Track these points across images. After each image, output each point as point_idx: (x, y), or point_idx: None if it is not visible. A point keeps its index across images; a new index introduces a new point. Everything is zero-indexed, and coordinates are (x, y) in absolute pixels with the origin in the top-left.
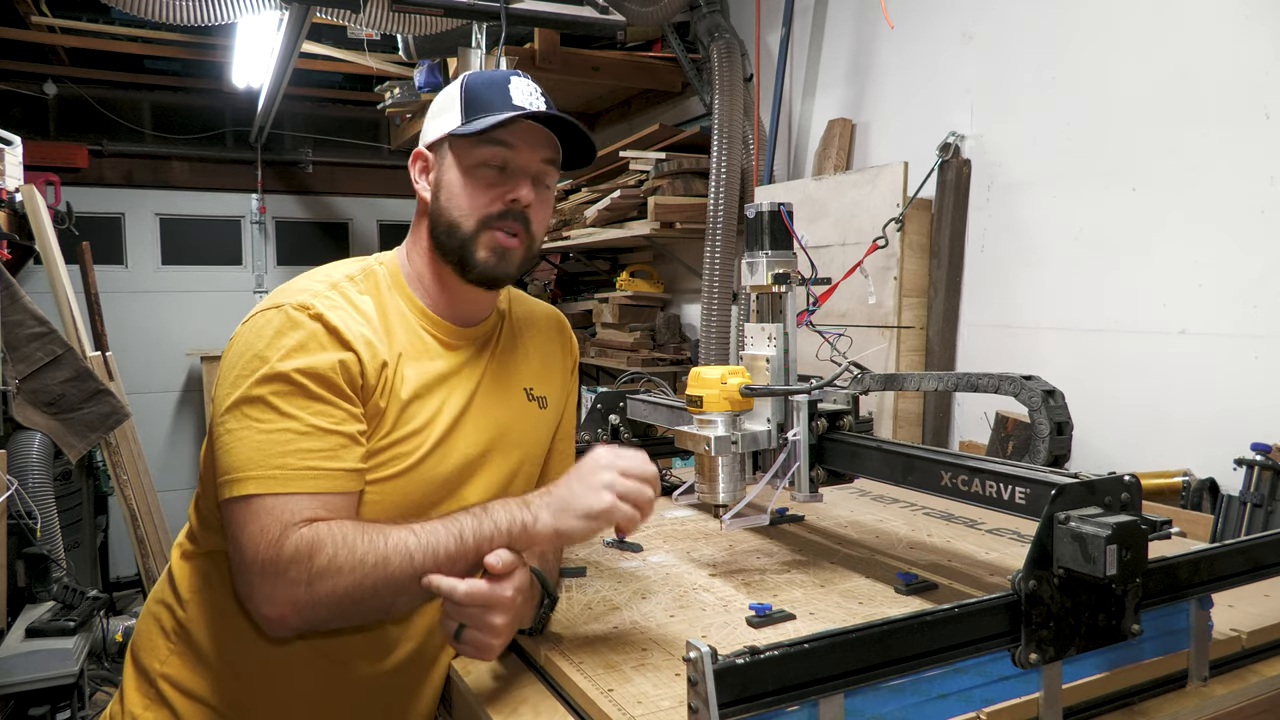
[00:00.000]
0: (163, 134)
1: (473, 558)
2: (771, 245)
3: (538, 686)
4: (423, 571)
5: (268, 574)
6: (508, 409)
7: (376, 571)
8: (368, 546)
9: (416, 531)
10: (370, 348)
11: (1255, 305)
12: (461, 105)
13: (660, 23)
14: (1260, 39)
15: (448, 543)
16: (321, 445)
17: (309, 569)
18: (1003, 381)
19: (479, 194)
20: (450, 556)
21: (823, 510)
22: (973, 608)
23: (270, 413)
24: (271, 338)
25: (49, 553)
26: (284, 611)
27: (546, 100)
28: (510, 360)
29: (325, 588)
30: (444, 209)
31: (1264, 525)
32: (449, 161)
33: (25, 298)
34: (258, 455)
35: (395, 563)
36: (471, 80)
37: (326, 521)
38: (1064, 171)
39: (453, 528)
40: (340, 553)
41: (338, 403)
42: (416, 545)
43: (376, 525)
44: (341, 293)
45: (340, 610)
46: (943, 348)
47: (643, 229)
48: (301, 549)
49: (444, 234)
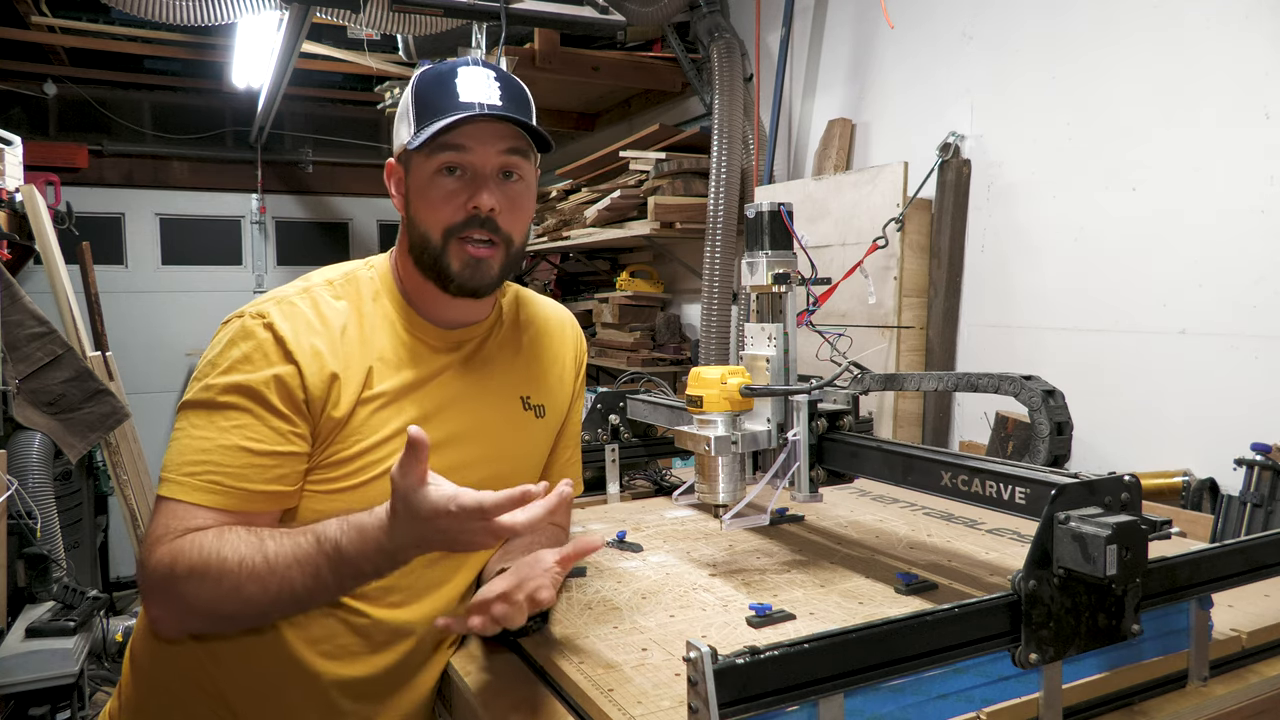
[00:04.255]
0: (163, 134)
1: (327, 590)
2: (771, 245)
3: (538, 686)
4: (278, 600)
5: (141, 576)
6: (498, 416)
7: (233, 596)
8: (222, 570)
9: (274, 563)
10: (318, 359)
11: (1255, 305)
12: (413, 112)
13: (660, 23)
14: (1260, 39)
15: (303, 581)
16: (232, 462)
17: (171, 581)
18: (1003, 381)
19: (440, 205)
20: (308, 590)
21: (823, 510)
22: (973, 608)
23: (201, 419)
24: (224, 347)
25: (49, 553)
26: (158, 613)
27: (503, 85)
28: (509, 366)
29: (186, 603)
30: (414, 222)
31: (1264, 525)
32: (413, 171)
33: (25, 298)
34: (177, 459)
35: (249, 590)
36: (419, 81)
37: (198, 534)
38: (1064, 171)
39: (309, 564)
40: (195, 570)
41: (267, 419)
42: (272, 576)
43: (235, 543)
44: (311, 297)
45: (209, 621)
46: (943, 348)
47: (643, 229)
48: (164, 561)
49: (419, 247)
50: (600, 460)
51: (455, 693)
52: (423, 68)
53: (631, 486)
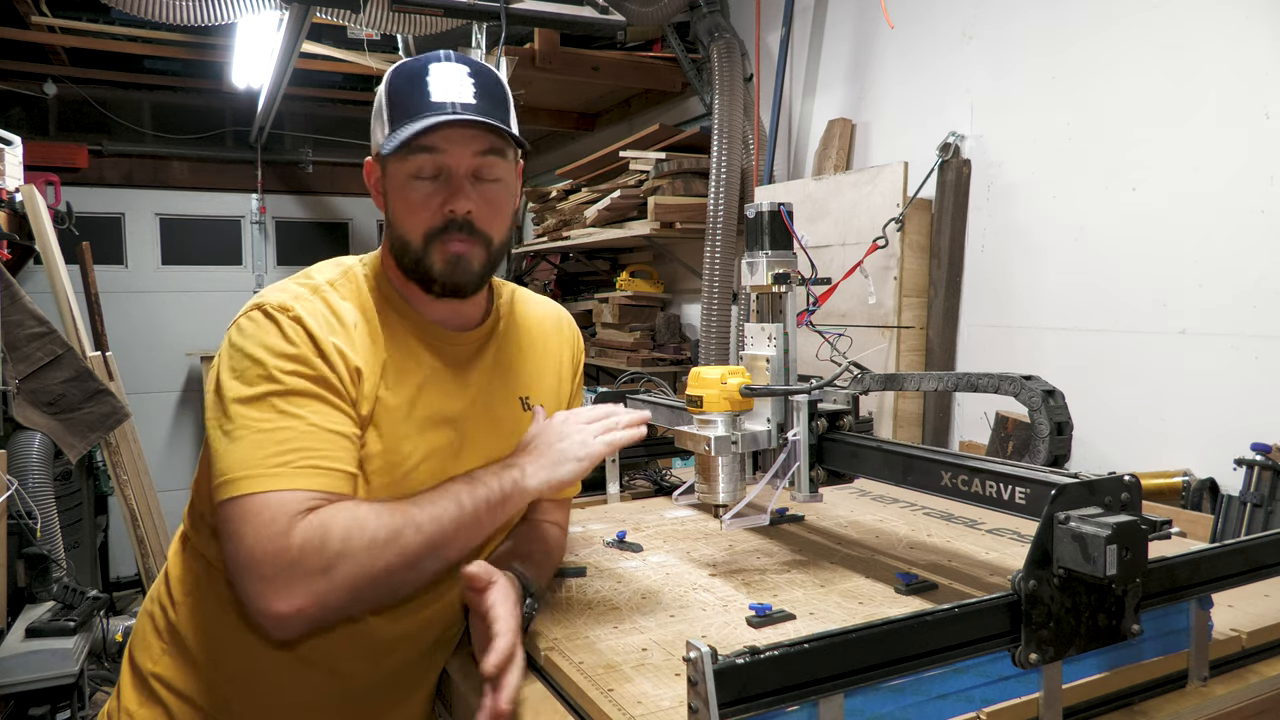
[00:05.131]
0: (163, 134)
1: (472, 522)
2: (771, 245)
3: (538, 686)
4: (431, 541)
5: (279, 567)
6: (500, 418)
7: (390, 548)
8: (378, 523)
9: (419, 503)
10: (342, 357)
11: (1255, 305)
12: (387, 113)
13: (660, 23)
14: (1260, 39)
15: (450, 510)
16: (322, 444)
17: (325, 554)
18: (1003, 381)
19: (418, 209)
20: (455, 522)
21: (823, 510)
22: (973, 608)
23: (268, 412)
24: (261, 338)
25: (49, 553)
26: (303, 603)
27: (478, 82)
28: (508, 367)
29: (343, 571)
30: (393, 226)
31: (1264, 525)
32: (390, 173)
33: (25, 298)
34: (258, 454)
35: (407, 535)
36: (393, 82)
37: (331, 505)
38: (1064, 171)
39: (450, 496)
40: (353, 532)
41: (333, 401)
42: (423, 516)
43: (380, 502)
44: (323, 298)
45: (356, 594)
46: (943, 348)
47: (643, 229)
48: (313, 535)
49: (400, 251)
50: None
51: (455, 693)
52: (396, 64)
53: (631, 486)
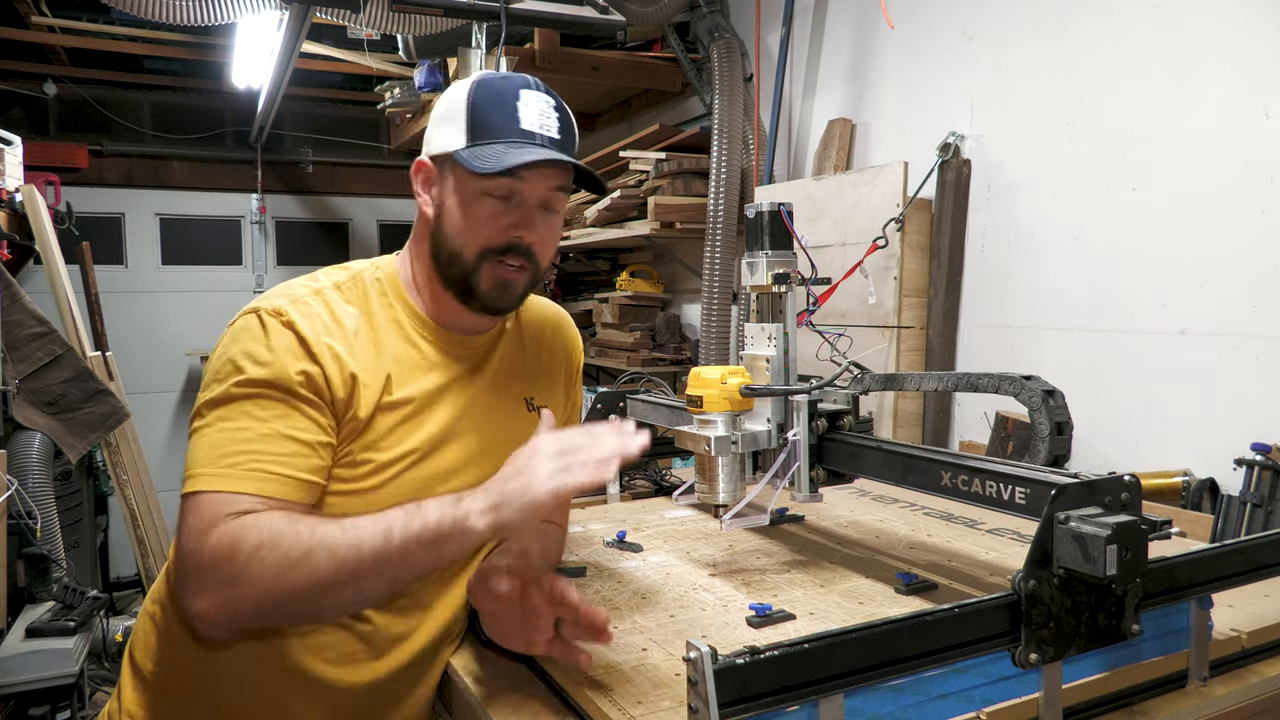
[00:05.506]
0: (163, 134)
1: (398, 556)
2: (771, 245)
3: (538, 686)
4: (345, 568)
5: (193, 567)
6: (505, 419)
7: (299, 569)
8: (293, 540)
9: (344, 525)
10: (337, 361)
11: (1255, 305)
12: (466, 123)
13: (660, 23)
14: (1260, 39)
15: (373, 539)
16: (276, 449)
17: (233, 563)
18: (1003, 381)
19: (482, 225)
20: (375, 554)
21: (823, 510)
22: (973, 608)
23: (234, 413)
24: (245, 341)
25: (49, 553)
26: (210, 607)
27: (560, 117)
28: (514, 368)
29: (248, 582)
30: (446, 235)
31: (1264, 525)
32: (452, 185)
33: (25, 298)
34: (213, 453)
35: (318, 557)
36: (479, 95)
37: (256, 513)
38: (1064, 171)
39: (380, 524)
40: (265, 545)
41: (303, 409)
42: (341, 539)
43: (307, 518)
44: (324, 300)
45: (264, 608)
46: (943, 348)
47: (643, 229)
48: (225, 542)
49: (446, 261)
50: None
51: (455, 693)
52: (479, 75)
53: (631, 486)
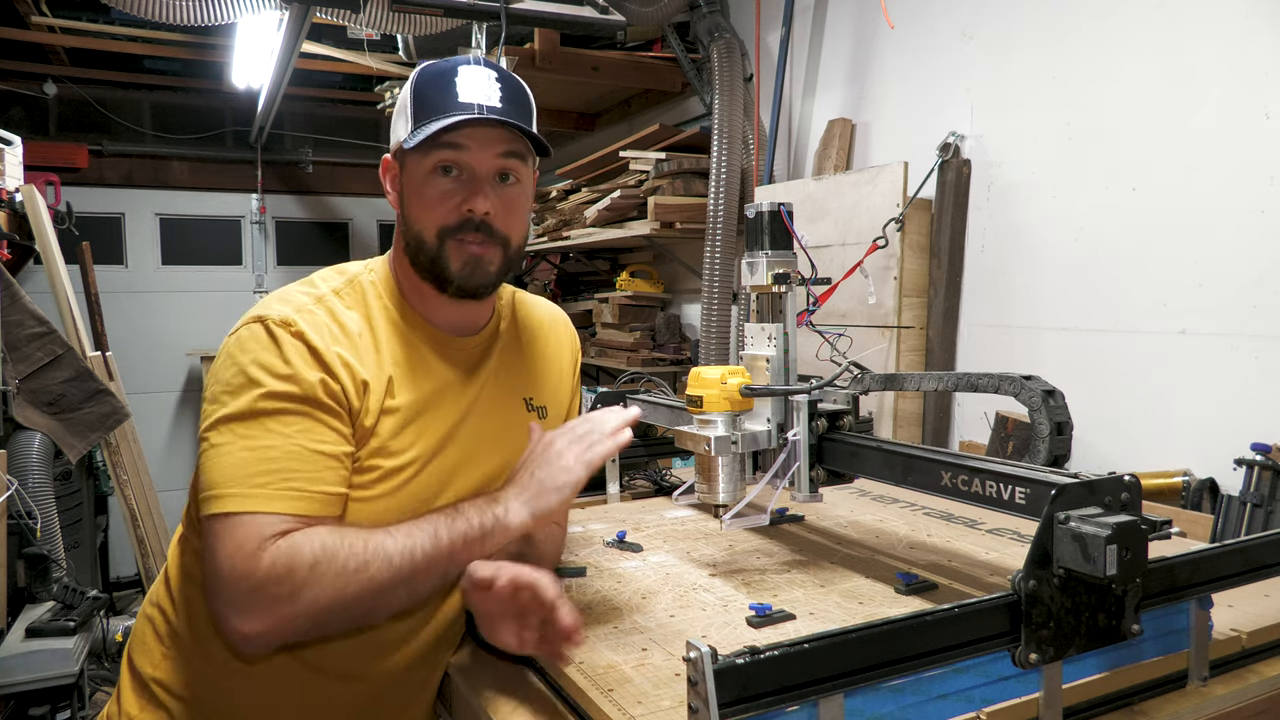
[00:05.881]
0: (163, 134)
1: (446, 557)
2: (771, 245)
3: (538, 686)
4: (401, 574)
5: (245, 590)
6: (505, 421)
7: (358, 577)
8: (348, 553)
9: (393, 534)
10: (348, 369)
11: (1255, 305)
12: (411, 109)
13: (660, 23)
14: (1260, 39)
15: (424, 543)
16: (305, 466)
17: (291, 581)
18: (1003, 381)
19: (435, 205)
20: (428, 556)
21: (823, 510)
22: (973, 608)
23: (255, 430)
24: (257, 353)
25: (49, 553)
26: (265, 626)
27: (504, 86)
28: (511, 369)
29: (308, 598)
30: (408, 221)
31: (1264, 525)
32: (409, 170)
33: (25, 298)
34: (239, 472)
35: (375, 567)
36: (419, 77)
37: (303, 530)
38: (1064, 171)
39: (427, 528)
40: (322, 561)
41: (326, 420)
42: (395, 547)
43: (354, 530)
44: (327, 308)
45: (321, 621)
46: (943, 348)
47: (643, 229)
48: (280, 561)
49: (414, 249)
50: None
51: (455, 693)
52: (423, 64)
53: (631, 486)
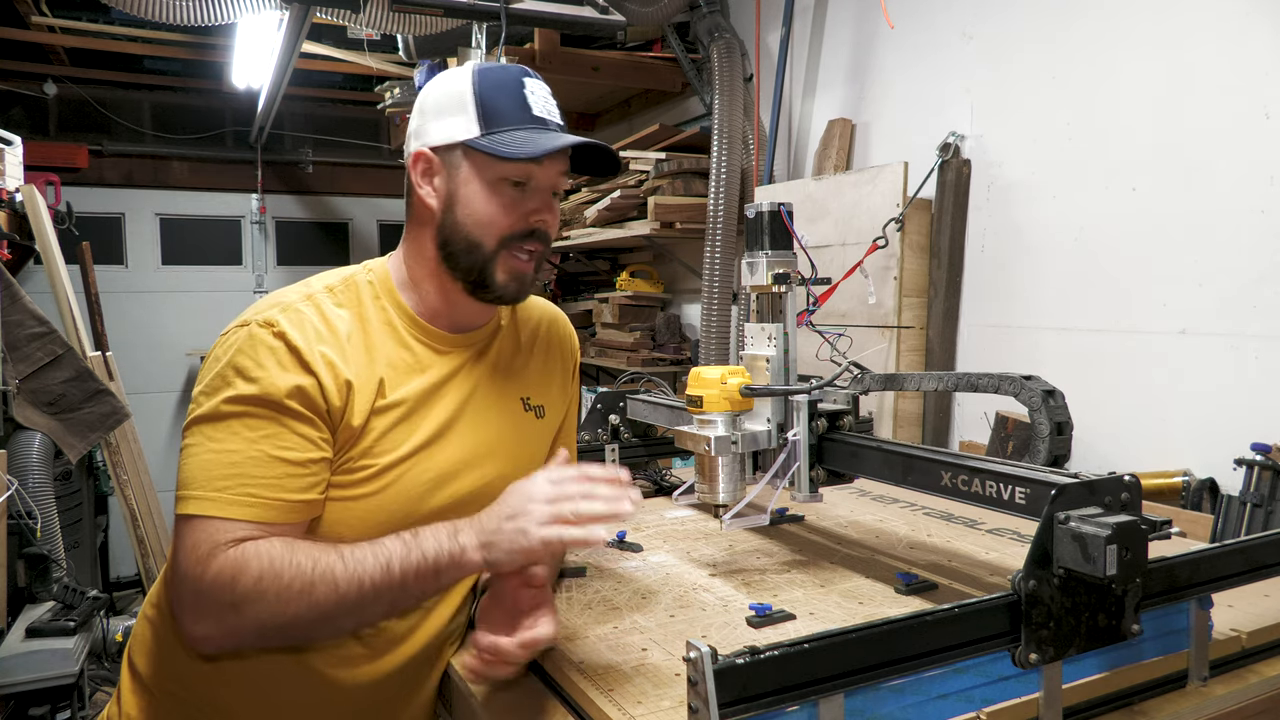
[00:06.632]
0: (163, 134)
1: (397, 587)
2: (771, 245)
3: (537, 686)
4: (347, 601)
5: (192, 592)
6: (501, 419)
7: (301, 599)
8: (294, 573)
9: (345, 558)
10: (331, 369)
11: (1255, 305)
12: (477, 112)
13: (660, 23)
14: (1260, 39)
15: (374, 572)
16: (266, 473)
17: (233, 592)
18: (1003, 381)
19: (503, 213)
20: (375, 586)
21: (823, 510)
22: (973, 608)
23: (222, 432)
24: (234, 356)
25: (49, 553)
26: (210, 631)
27: (558, 104)
28: (509, 368)
29: (250, 612)
30: (460, 224)
31: (1264, 525)
32: (466, 173)
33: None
34: (202, 475)
35: (320, 591)
36: (483, 82)
37: (255, 541)
38: (1064, 171)
39: (380, 556)
40: (266, 577)
41: (292, 425)
42: (343, 574)
43: (307, 548)
44: (315, 304)
45: (262, 634)
46: (943, 348)
47: (643, 229)
48: (226, 570)
49: (462, 251)
50: (600, 460)
51: (455, 693)
52: (474, 65)
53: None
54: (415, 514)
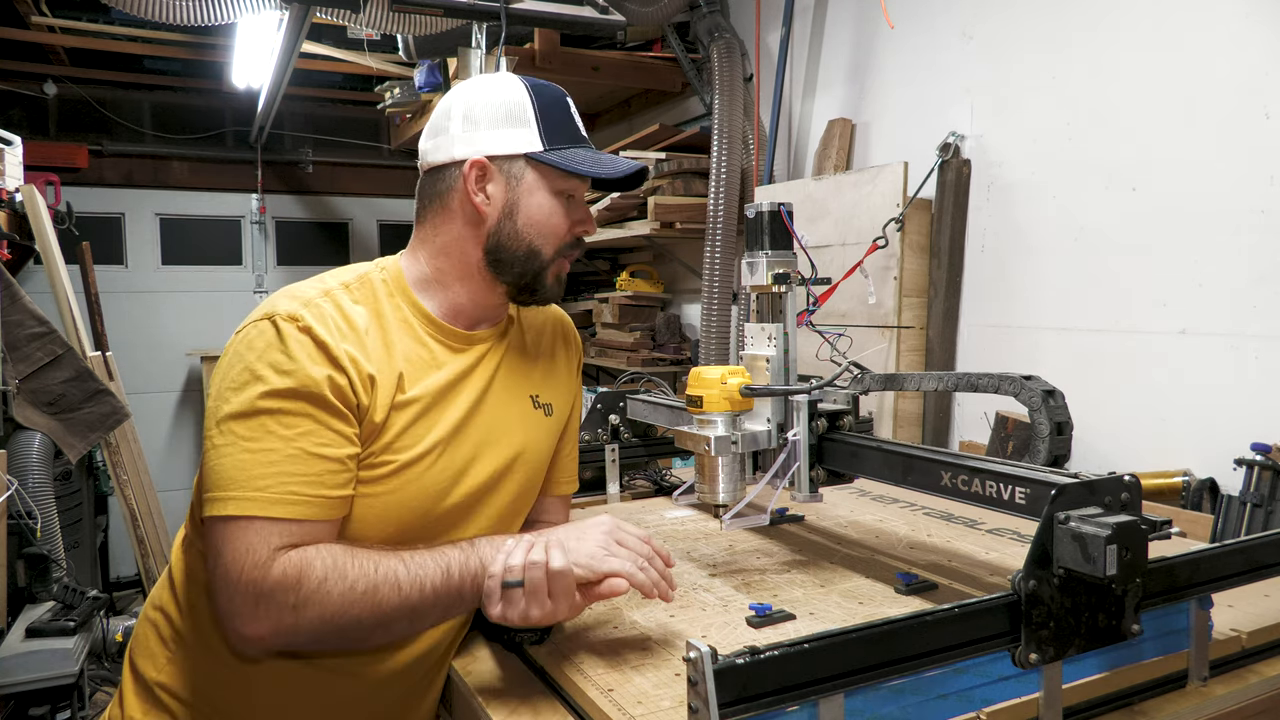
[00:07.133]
0: (163, 134)
1: (456, 593)
2: (771, 245)
3: (538, 686)
4: (408, 604)
5: (252, 595)
6: (514, 416)
7: (365, 600)
8: (358, 573)
9: (406, 561)
10: (355, 364)
11: (1255, 305)
12: (540, 127)
13: (660, 23)
14: (1260, 39)
15: (434, 576)
16: (305, 470)
17: (298, 593)
18: (1003, 381)
19: (563, 225)
20: (436, 590)
21: (823, 510)
22: (973, 608)
23: (257, 431)
24: (262, 350)
25: (49, 553)
26: (264, 632)
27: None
28: (519, 366)
29: (312, 613)
30: (521, 232)
31: (1264, 525)
32: (531, 183)
33: (25, 298)
34: (240, 475)
35: (384, 592)
36: (542, 101)
37: (316, 545)
38: (1064, 171)
39: (440, 561)
40: (331, 578)
41: (328, 421)
42: (405, 576)
43: (367, 552)
44: (334, 300)
45: (320, 636)
46: (943, 348)
47: (643, 229)
48: (290, 573)
49: (519, 258)
50: (600, 460)
51: (455, 693)
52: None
53: (631, 486)
54: (434, 511)
